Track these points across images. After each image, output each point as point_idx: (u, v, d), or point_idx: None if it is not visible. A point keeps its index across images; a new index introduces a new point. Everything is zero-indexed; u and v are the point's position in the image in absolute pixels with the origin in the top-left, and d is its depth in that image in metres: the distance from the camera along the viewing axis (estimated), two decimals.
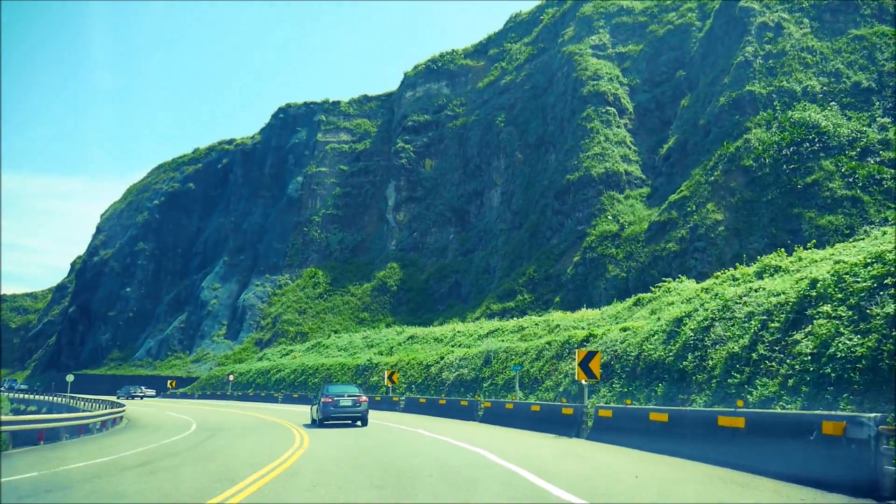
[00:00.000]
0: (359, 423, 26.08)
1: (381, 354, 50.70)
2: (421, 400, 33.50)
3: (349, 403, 25.84)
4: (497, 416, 24.30)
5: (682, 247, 48.94)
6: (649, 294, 30.34)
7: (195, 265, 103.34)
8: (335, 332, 74.45)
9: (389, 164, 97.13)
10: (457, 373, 34.71)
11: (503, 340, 35.21)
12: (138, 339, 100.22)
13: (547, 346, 29.19)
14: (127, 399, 64.37)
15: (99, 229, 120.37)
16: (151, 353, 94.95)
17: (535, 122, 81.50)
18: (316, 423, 26.79)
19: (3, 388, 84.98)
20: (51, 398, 56.49)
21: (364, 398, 26.43)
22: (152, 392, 77.01)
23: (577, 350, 20.02)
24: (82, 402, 42.19)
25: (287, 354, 68.00)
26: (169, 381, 76.68)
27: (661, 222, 53.68)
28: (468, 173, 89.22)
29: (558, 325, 33.60)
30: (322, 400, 26.15)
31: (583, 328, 30.08)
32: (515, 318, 43.47)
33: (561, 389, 25.15)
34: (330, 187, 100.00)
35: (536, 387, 27.05)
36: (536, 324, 36.84)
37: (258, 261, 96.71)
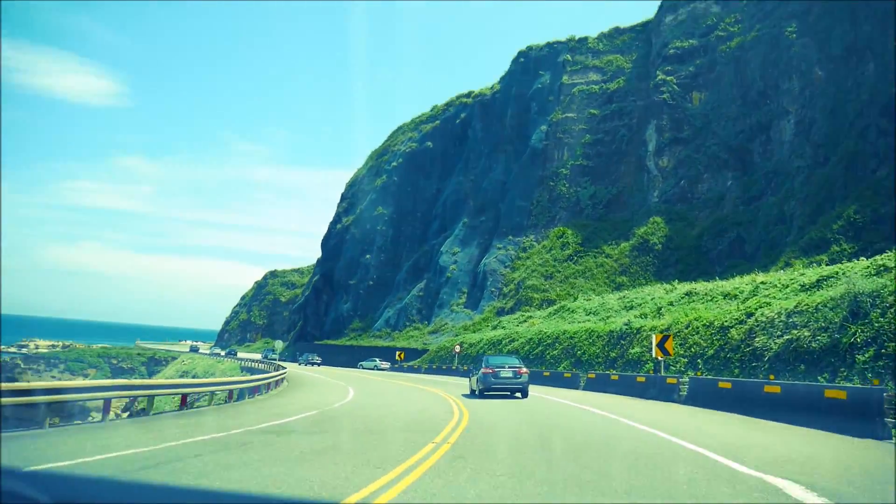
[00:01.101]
0: (518, 394, 26.72)
1: (645, 317, 39.20)
2: (722, 384, 20.58)
3: (510, 374, 26.39)
4: None
5: None
6: None
7: (434, 229, 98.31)
8: (586, 298, 63.81)
9: (648, 103, 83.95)
10: (785, 337, 22.58)
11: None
12: (378, 308, 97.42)
13: None
14: (306, 365, 74.34)
15: (343, 197, 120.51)
16: (390, 323, 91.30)
17: (841, 25, 64.09)
18: (475, 395, 27.71)
19: (263, 357, 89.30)
20: (260, 365, 54.47)
21: (525, 370, 26.84)
22: (386, 365, 72.93)
23: None
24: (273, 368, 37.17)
25: (525, 322, 58.89)
26: (397, 353, 71.51)
27: None
28: (749, 103, 73.58)
29: None
30: (482, 371, 26.98)
31: None
32: (865, 259, 29.35)
33: None
34: (578, 135, 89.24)
35: None
36: None
37: (500, 222, 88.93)
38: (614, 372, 33.29)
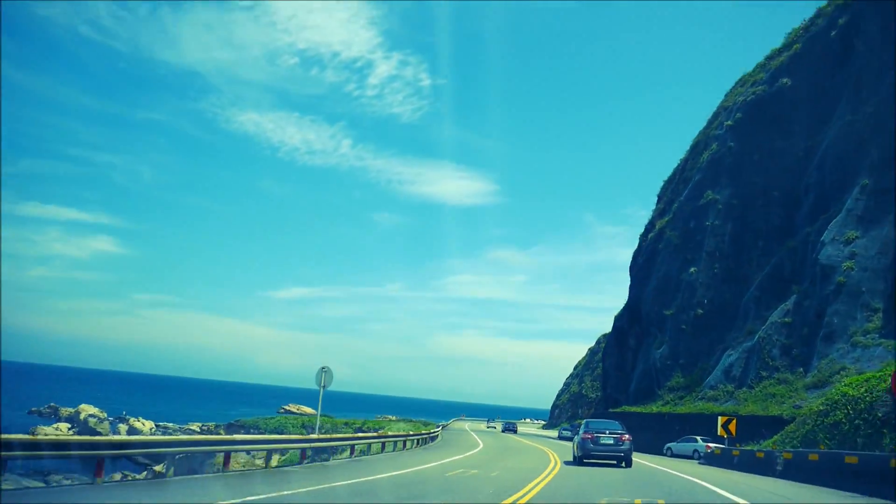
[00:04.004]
0: (623, 464, 27.12)
1: None
2: None
3: (610, 441, 26.99)
4: None
5: None
6: None
7: (805, 210, 57.97)
8: None
9: None
10: None
11: None
12: (711, 352, 59.13)
13: None
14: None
15: (658, 198, 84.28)
16: (733, 374, 52.86)
17: None
18: (575, 461, 28.46)
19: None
20: None
21: (627, 437, 27.33)
22: (706, 445, 38.87)
23: None
24: None
25: None
26: (720, 421, 35.11)
27: None
28: None
29: None
30: (582, 436, 28.04)
31: None
32: None
33: None
34: None
35: None
36: None
37: None
38: None
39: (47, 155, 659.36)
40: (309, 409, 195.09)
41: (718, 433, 36.95)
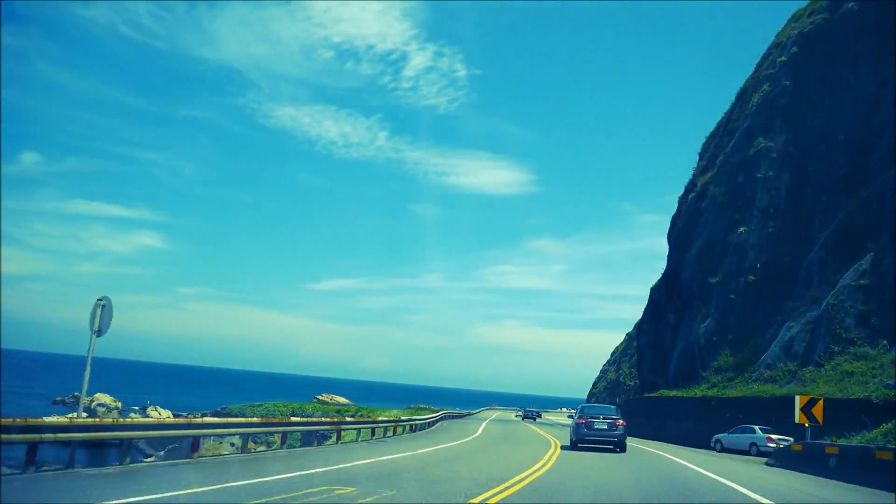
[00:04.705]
0: (618, 448, 26.74)
1: None
2: None
3: (604, 427, 26.90)
4: None
5: None
6: None
7: (879, 155, 47.93)
8: None
9: None
10: None
11: None
12: (768, 325, 49.57)
13: None
14: None
15: (700, 155, 74.18)
16: (793, 351, 43.49)
17: None
18: (571, 446, 28.06)
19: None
20: None
21: (621, 422, 27.21)
22: (767, 437, 33.87)
23: None
24: None
25: None
26: (800, 405, 26.40)
27: None
28: None
29: None
30: (576, 421, 28.22)
31: None
32: None
33: None
34: None
35: None
36: None
37: None
38: None
39: (92, 153, 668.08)
40: (342, 399, 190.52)
41: (797, 420, 27.54)
